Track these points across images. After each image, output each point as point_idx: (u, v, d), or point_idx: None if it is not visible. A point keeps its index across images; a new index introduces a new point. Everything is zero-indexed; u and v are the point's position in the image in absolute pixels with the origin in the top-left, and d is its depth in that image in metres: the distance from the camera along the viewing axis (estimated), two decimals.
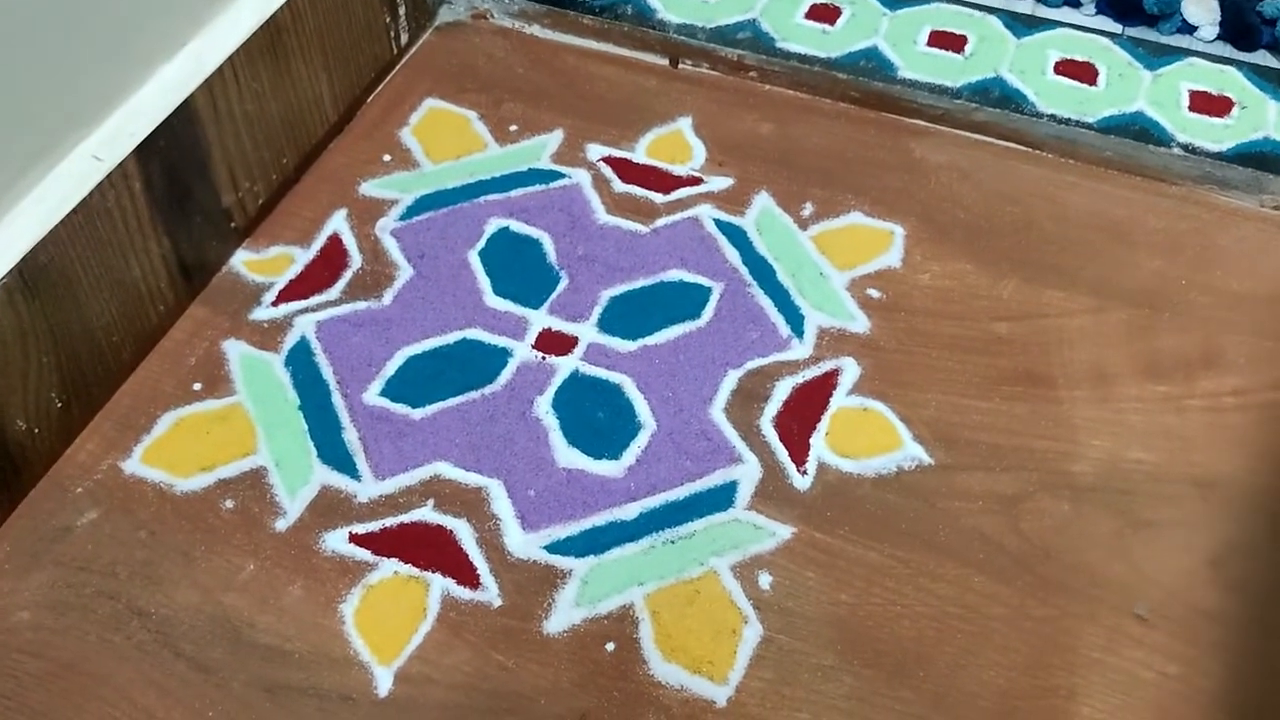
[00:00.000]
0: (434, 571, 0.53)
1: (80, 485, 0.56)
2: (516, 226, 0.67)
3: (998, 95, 0.73)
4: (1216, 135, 0.70)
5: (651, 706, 0.49)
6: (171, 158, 0.59)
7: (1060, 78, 0.74)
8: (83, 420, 0.58)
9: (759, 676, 0.50)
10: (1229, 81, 0.73)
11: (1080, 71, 0.74)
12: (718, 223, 0.67)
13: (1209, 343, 0.61)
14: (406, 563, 0.53)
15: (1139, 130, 0.70)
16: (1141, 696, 0.49)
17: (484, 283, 0.64)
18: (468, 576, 0.53)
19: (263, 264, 0.65)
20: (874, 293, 0.63)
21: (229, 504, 0.55)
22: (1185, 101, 0.72)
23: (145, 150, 0.57)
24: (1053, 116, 0.71)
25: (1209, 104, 0.72)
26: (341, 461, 0.57)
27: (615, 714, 0.49)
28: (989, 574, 0.53)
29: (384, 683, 0.50)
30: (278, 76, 0.65)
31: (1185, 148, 0.70)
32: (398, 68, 0.76)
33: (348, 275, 0.65)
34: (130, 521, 0.55)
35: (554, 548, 0.54)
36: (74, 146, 0.56)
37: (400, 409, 0.59)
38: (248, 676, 0.50)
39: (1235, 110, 0.72)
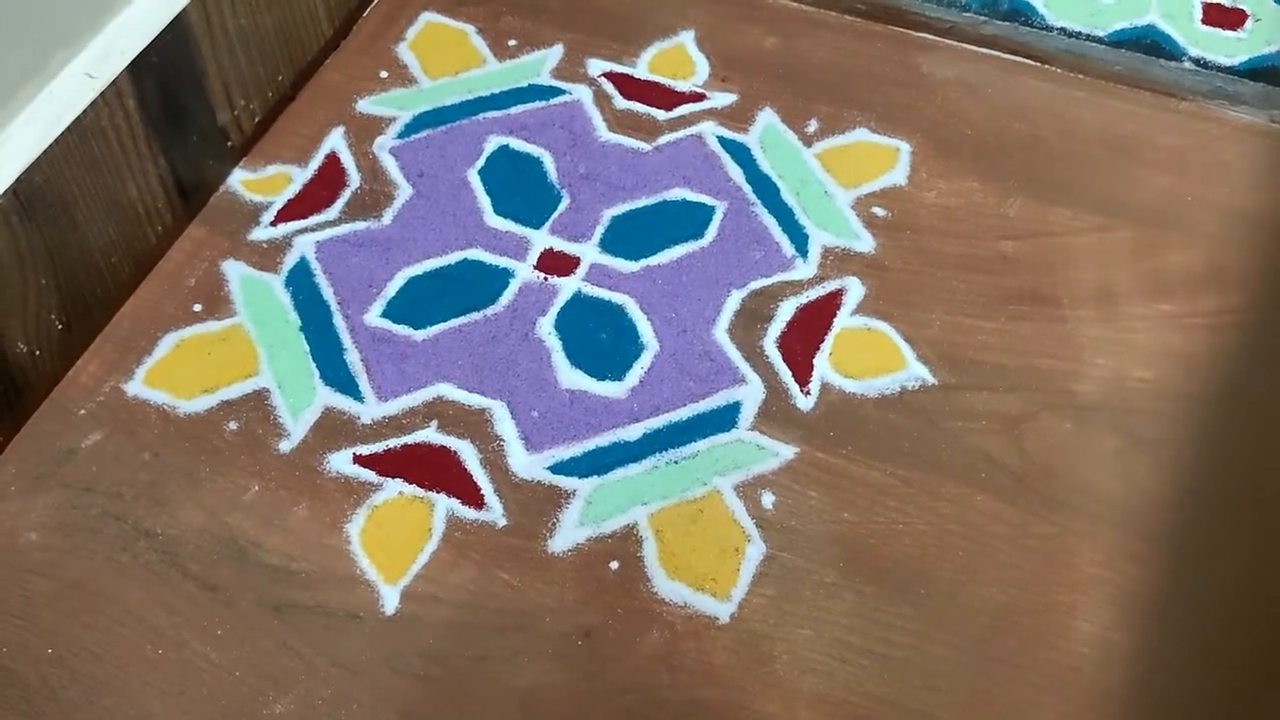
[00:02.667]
0: (438, 492, 0.53)
1: (83, 407, 0.56)
2: (516, 144, 0.66)
3: (1006, 8, 0.71)
4: (1229, 49, 0.69)
5: (655, 623, 0.49)
6: (165, 74, 0.58)
7: None
8: (83, 342, 0.58)
9: (761, 593, 0.50)
10: None
11: None
12: (721, 140, 0.66)
13: (1213, 259, 0.60)
14: (411, 483, 0.53)
15: (1150, 44, 0.69)
16: (1137, 610, 0.49)
17: (484, 202, 0.64)
18: (472, 497, 0.53)
19: (260, 183, 0.64)
20: (879, 211, 0.63)
21: (232, 425, 0.55)
22: (1198, 14, 0.71)
23: (138, 67, 0.56)
24: (1063, 30, 0.70)
25: (1222, 16, 0.71)
26: (344, 383, 0.57)
27: (619, 631, 0.49)
28: (991, 493, 0.53)
29: (390, 601, 0.50)
30: None
31: (1197, 62, 0.68)
32: None
33: (346, 195, 0.64)
34: (134, 443, 0.55)
35: (558, 468, 0.54)
36: (65, 64, 0.55)
37: (402, 330, 0.58)
38: (255, 595, 0.50)
39: (1249, 23, 0.70)
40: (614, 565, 0.51)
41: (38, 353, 0.55)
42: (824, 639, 0.49)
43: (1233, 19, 0.71)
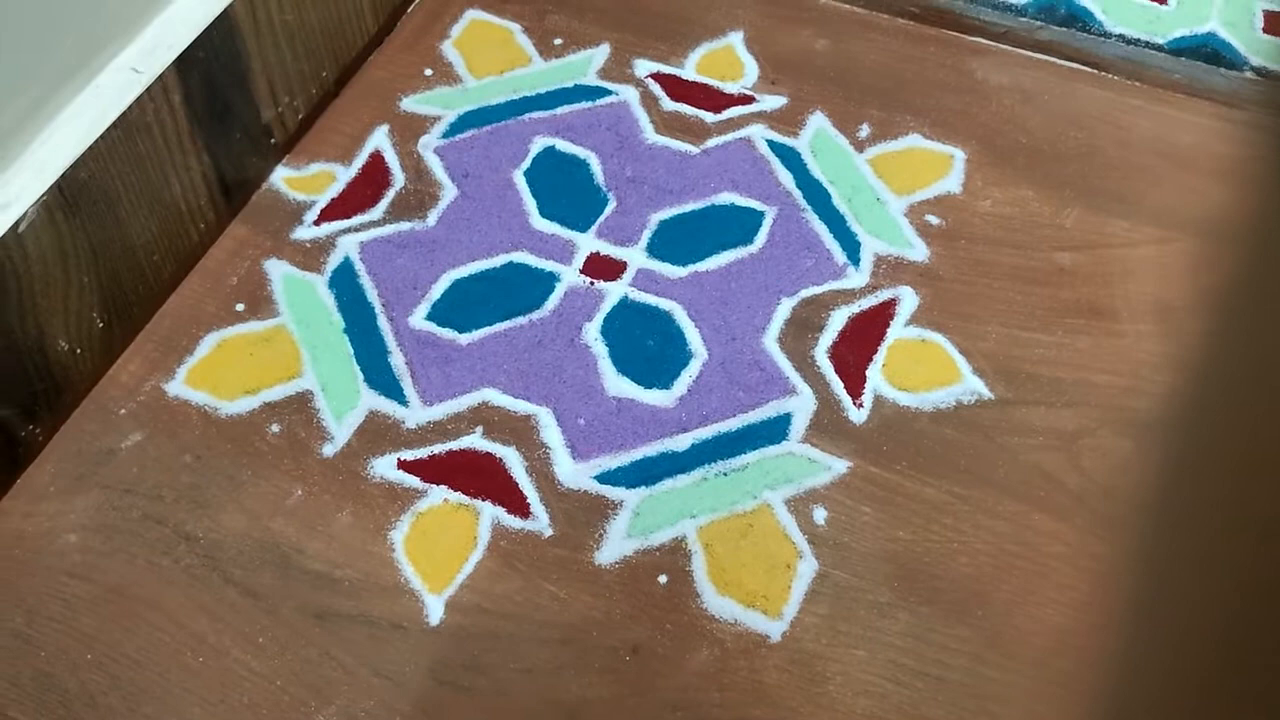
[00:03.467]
0: (484, 500, 0.52)
1: (124, 407, 0.55)
2: (562, 145, 0.65)
3: (1063, 13, 0.70)
4: None
5: (705, 640, 0.48)
6: (211, 70, 0.57)
7: None
8: (124, 340, 0.57)
9: (814, 612, 0.49)
10: None
11: None
12: (770, 144, 0.65)
13: (1277, 275, 0.59)
14: (456, 490, 0.53)
15: (1210, 53, 0.68)
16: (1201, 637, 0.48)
17: (530, 204, 0.63)
18: (518, 505, 0.52)
19: (304, 181, 0.64)
20: (933, 219, 0.62)
21: (275, 428, 0.54)
22: (1260, 23, 0.69)
23: (184, 62, 0.55)
24: (1121, 36, 0.68)
25: None
26: (388, 386, 0.56)
27: (668, 647, 0.48)
28: (1049, 511, 0.51)
29: (435, 611, 0.49)
30: None
31: (1258, 71, 0.67)
32: None
33: (390, 194, 0.63)
34: (175, 445, 0.54)
35: (604, 478, 0.53)
36: (112, 58, 0.54)
37: (447, 333, 0.57)
38: (297, 603, 0.49)
39: None
40: (662, 579, 0.50)
41: (79, 351, 0.54)
42: (878, 660, 0.48)
43: None
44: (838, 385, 0.56)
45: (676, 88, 0.68)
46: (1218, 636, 0.47)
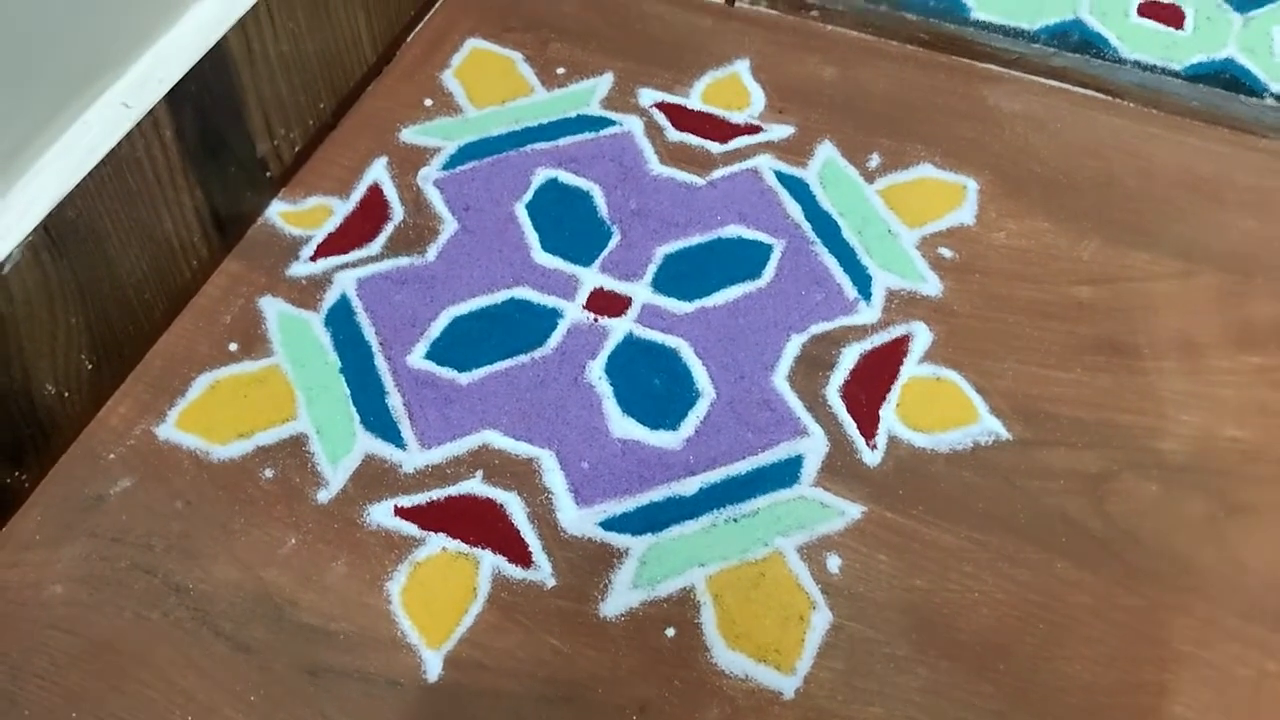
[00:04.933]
0: (484, 548, 0.50)
1: (113, 451, 0.53)
2: (565, 177, 0.63)
3: (1077, 39, 0.68)
4: None
5: (715, 697, 0.46)
6: (204, 104, 0.55)
7: (1144, 20, 0.69)
8: (114, 382, 0.55)
9: (829, 666, 0.47)
10: None
11: (1165, 14, 0.69)
12: (778, 175, 0.63)
13: None
14: (455, 538, 0.51)
15: (1229, 79, 0.66)
16: (1237, 695, 0.46)
17: (532, 238, 0.61)
18: (519, 554, 0.50)
19: (300, 216, 0.62)
20: (946, 252, 0.60)
21: (268, 473, 0.53)
22: (1279, 48, 0.67)
23: (176, 96, 0.54)
24: (1136, 63, 0.67)
25: None
26: (385, 429, 0.54)
27: (677, 705, 0.46)
28: (1072, 559, 0.49)
29: (433, 667, 0.47)
30: (314, 15, 0.61)
31: (1278, 98, 0.65)
32: (438, 5, 0.72)
33: (389, 229, 0.61)
34: (165, 490, 0.52)
35: (609, 524, 0.51)
36: (101, 93, 0.52)
37: (446, 373, 0.56)
38: (290, 658, 0.47)
39: None
40: (670, 632, 0.48)
41: (66, 394, 0.53)
42: (896, 718, 0.46)
43: None
44: (850, 426, 0.54)
45: (682, 117, 0.66)
46: (1266, 697, 0.45)
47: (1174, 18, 0.69)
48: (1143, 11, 0.69)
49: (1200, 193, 0.62)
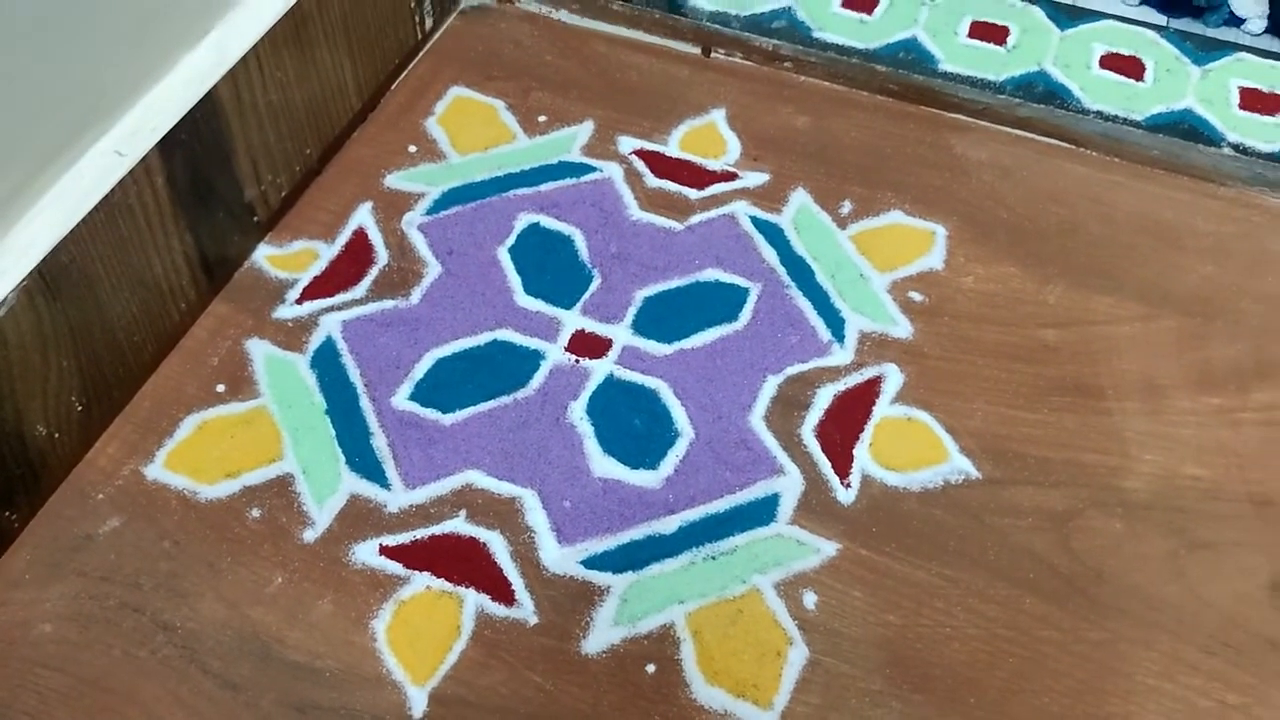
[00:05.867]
0: (468, 586, 0.51)
1: (101, 491, 0.54)
2: (547, 222, 0.65)
3: (1042, 90, 0.71)
4: (1268, 134, 0.68)
5: None
6: (194, 151, 0.57)
7: (1106, 72, 0.71)
8: (103, 423, 0.56)
9: (805, 701, 0.48)
10: None
11: (1127, 66, 0.72)
12: (754, 220, 0.65)
13: (1262, 353, 0.59)
14: (439, 577, 0.52)
15: (1188, 129, 0.68)
16: None
17: (514, 281, 0.62)
18: (502, 592, 0.51)
19: (286, 259, 0.63)
20: (916, 296, 0.62)
21: (255, 513, 0.53)
22: (1235, 99, 0.70)
23: (168, 144, 0.55)
24: (1099, 113, 0.69)
25: (1260, 101, 0.70)
26: (370, 469, 0.55)
27: None
28: (1040, 595, 0.51)
29: (418, 704, 0.48)
30: (302, 64, 0.62)
31: (1236, 147, 0.68)
32: (422, 54, 0.74)
33: (374, 272, 0.63)
34: (154, 530, 0.53)
35: (591, 562, 0.52)
36: (95, 141, 0.53)
37: (430, 414, 0.57)
38: (277, 695, 0.48)
39: None
40: (650, 668, 0.49)
41: (56, 435, 0.53)
42: None
43: (1270, 105, 0.70)
44: (825, 465, 0.55)
45: (660, 164, 0.68)
46: None
47: (1135, 70, 0.72)
48: (1105, 64, 0.72)
49: (1161, 239, 0.64)
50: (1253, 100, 0.70)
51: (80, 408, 0.54)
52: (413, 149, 0.68)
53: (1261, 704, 0.48)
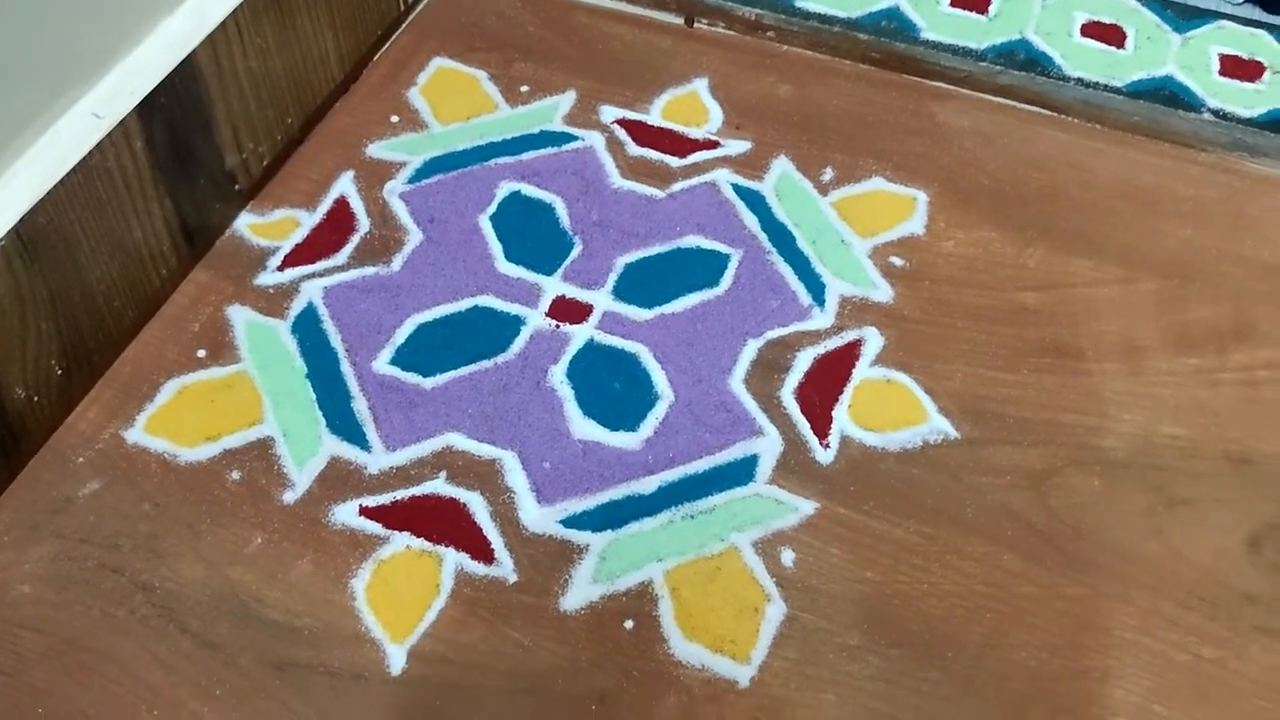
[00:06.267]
0: (447, 546, 0.51)
1: (81, 455, 0.54)
2: (528, 190, 0.65)
3: (1023, 58, 0.71)
4: (1248, 100, 0.68)
5: (672, 687, 0.47)
6: (174, 116, 0.57)
7: (1087, 40, 0.71)
8: (83, 388, 0.56)
9: (782, 656, 0.48)
10: (1260, 45, 0.71)
11: (1108, 34, 0.72)
12: (736, 188, 0.65)
13: (1241, 315, 0.59)
14: (419, 536, 0.52)
15: (1168, 95, 0.69)
16: (1177, 680, 0.47)
17: (495, 248, 0.62)
18: (482, 551, 0.51)
19: (267, 227, 0.63)
20: (897, 261, 0.62)
21: (235, 475, 0.54)
22: (1215, 66, 0.70)
23: (146, 108, 0.55)
24: (1080, 80, 0.69)
25: (1240, 68, 0.70)
26: (351, 432, 0.55)
27: (635, 694, 0.47)
28: (1018, 552, 0.51)
29: (396, 661, 0.48)
30: (282, 32, 0.62)
31: (1216, 113, 0.68)
32: (404, 25, 0.74)
33: (355, 239, 0.63)
34: (133, 493, 0.53)
35: (570, 522, 0.52)
36: (72, 104, 0.53)
37: (411, 378, 0.57)
38: (256, 653, 0.48)
39: (1267, 75, 0.70)
40: (629, 624, 0.49)
41: (36, 399, 0.53)
42: (849, 705, 0.47)
43: (1250, 71, 0.70)
44: (804, 426, 0.55)
45: (642, 133, 0.68)
46: (1204, 683, 0.47)
47: (1116, 37, 0.72)
48: (1086, 31, 0.72)
49: (1141, 203, 0.64)
50: (1233, 67, 0.70)
51: (60, 372, 0.54)
52: (395, 119, 0.68)
53: (1238, 657, 0.48)
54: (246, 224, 0.63)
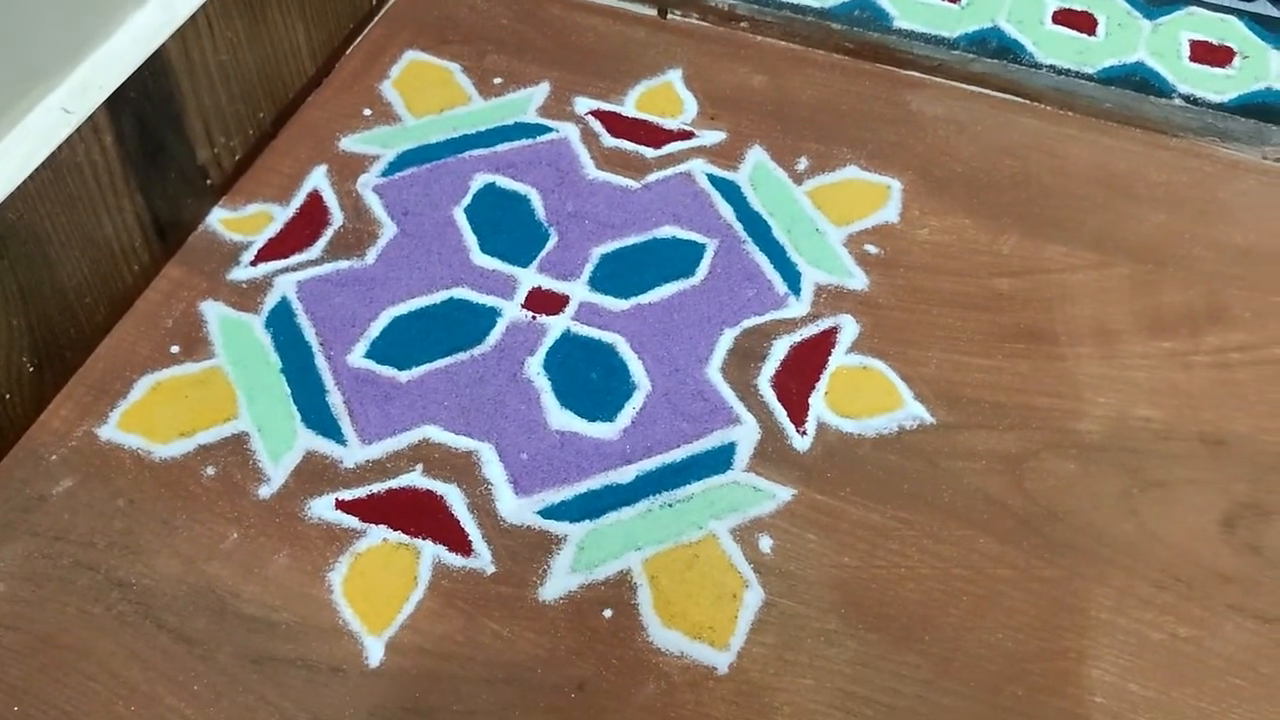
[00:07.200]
0: (424, 538, 0.51)
1: (55, 453, 0.54)
2: (503, 182, 0.65)
3: (995, 45, 0.71)
4: (1218, 86, 0.69)
5: (651, 674, 0.47)
6: (144, 110, 0.56)
7: (1059, 27, 0.72)
8: (56, 385, 0.56)
9: (761, 642, 0.48)
10: (1230, 31, 0.72)
11: (1079, 21, 0.72)
12: (710, 178, 0.65)
13: (1214, 298, 0.60)
14: (396, 529, 0.52)
15: (1139, 81, 0.69)
16: (1152, 659, 0.48)
17: (470, 240, 0.62)
18: (459, 543, 0.51)
19: (240, 222, 0.63)
20: (872, 249, 0.62)
21: (210, 471, 0.53)
22: (1186, 51, 0.71)
23: (116, 102, 0.55)
24: (1051, 67, 0.70)
25: (1210, 54, 0.71)
26: (326, 426, 0.55)
27: (614, 682, 0.47)
28: (994, 535, 0.51)
29: (374, 653, 0.48)
30: (253, 25, 0.62)
31: (1186, 99, 0.68)
32: (377, 18, 0.73)
33: (329, 233, 0.62)
34: (108, 489, 0.53)
35: (548, 512, 0.52)
36: (41, 98, 0.53)
37: (386, 371, 0.57)
38: (233, 648, 0.48)
39: (1237, 60, 0.70)
40: (607, 613, 0.49)
41: (8, 396, 0.53)
42: (827, 689, 0.47)
43: (1220, 56, 0.70)
44: (781, 414, 0.55)
45: (616, 124, 0.68)
46: (1178, 661, 0.47)
47: (1086, 24, 0.72)
48: (1057, 19, 0.72)
49: (1114, 189, 0.64)
50: (1203, 52, 0.70)
51: (31, 369, 0.54)
52: (367, 112, 0.68)
53: (1212, 636, 0.48)
54: (219, 219, 0.63)
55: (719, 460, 0.54)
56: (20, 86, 0.52)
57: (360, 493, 0.53)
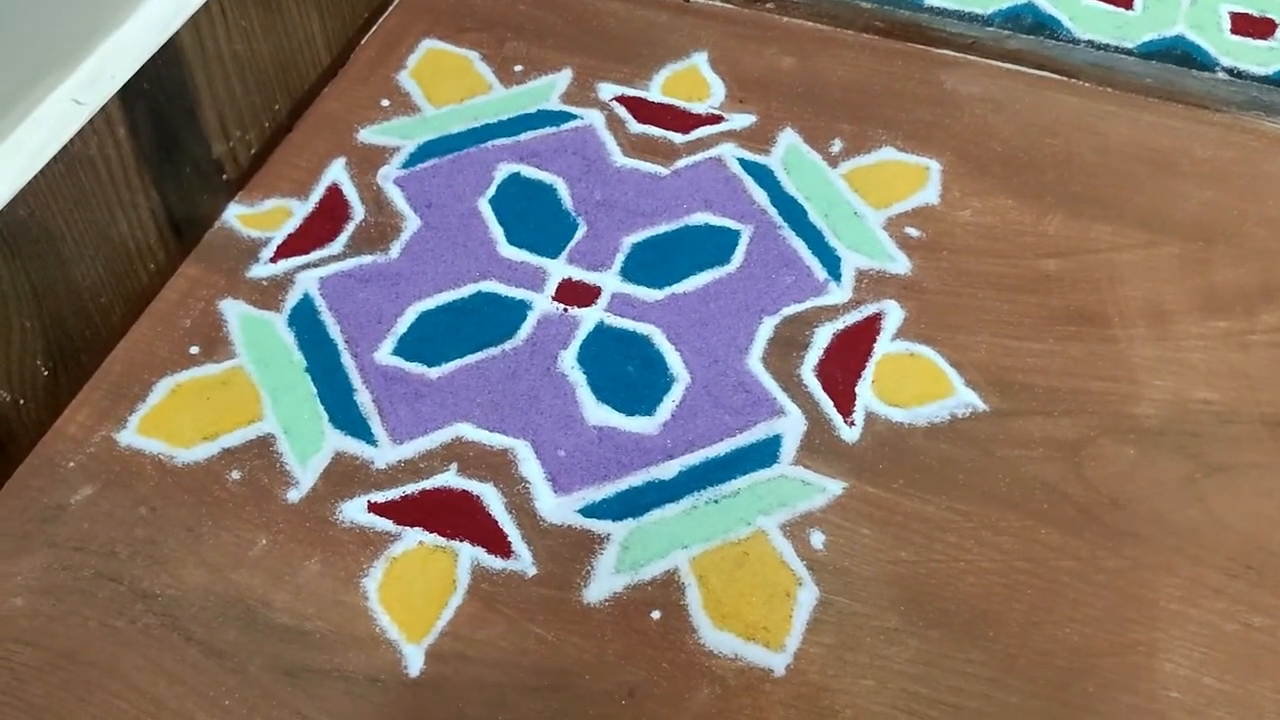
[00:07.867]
0: (462, 540, 0.49)
1: (72, 460, 0.52)
2: (528, 171, 0.63)
3: (1030, 21, 0.69)
4: (1261, 58, 0.67)
5: (705, 678, 0.45)
6: (157, 102, 0.54)
7: (1095, 1, 0.70)
8: (72, 389, 0.54)
9: (818, 642, 0.46)
10: (1270, 2, 0.70)
11: None
12: (742, 162, 0.63)
13: (1267, 275, 0.58)
14: (431, 532, 0.49)
15: (1181, 55, 0.67)
16: (1227, 650, 0.46)
17: (496, 232, 0.60)
18: (498, 544, 0.49)
19: (258, 218, 0.61)
20: (913, 231, 0.60)
21: (235, 475, 0.51)
22: (1226, 24, 0.69)
23: (129, 93, 0.52)
24: (1089, 43, 0.68)
25: (1251, 26, 0.68)
26: (355, 426, 0.53)
27: (666, 687, 0.45)
28: (1055, 525, 0.49)
29: (414, 662, 0.46)
30: (267, 14, 0.60)
31: (1230, 72, 0.66)
32: (392, 6, 0.71)
33: (350, 228, 0.60)
34: (129, 497, 0.50)
35: (589, 511, 0.50)
36: (52, 89, 0.51)
37: (415, 368, 0.55)
38: (265, 659, 0.46)
39: (1279, 32, 0.68)
40: (656, 615, 0.47)
41: (22, 402, 0.51)
42: (889, 690, 0.45)
43: (1262, 28, 0.68)
44: (827, 404, 0.53)
45: (643, 110, 0.66)
46: (1257, 652, 0.45)
47: None
48: None
49: (1158, 166, 0.62)
50: (1244, 24, 0.68)
51: (46, 372, 0.52)
52: (385, 103, 0.66)
53: None
54: (236, 215, 0.61)
55: (765, 453, 0.52)
56: (29, 77, 0.50)
57: (393, 494, 0.51)
